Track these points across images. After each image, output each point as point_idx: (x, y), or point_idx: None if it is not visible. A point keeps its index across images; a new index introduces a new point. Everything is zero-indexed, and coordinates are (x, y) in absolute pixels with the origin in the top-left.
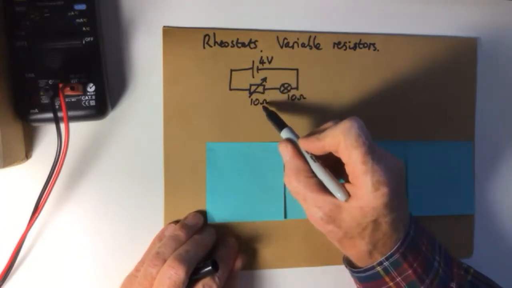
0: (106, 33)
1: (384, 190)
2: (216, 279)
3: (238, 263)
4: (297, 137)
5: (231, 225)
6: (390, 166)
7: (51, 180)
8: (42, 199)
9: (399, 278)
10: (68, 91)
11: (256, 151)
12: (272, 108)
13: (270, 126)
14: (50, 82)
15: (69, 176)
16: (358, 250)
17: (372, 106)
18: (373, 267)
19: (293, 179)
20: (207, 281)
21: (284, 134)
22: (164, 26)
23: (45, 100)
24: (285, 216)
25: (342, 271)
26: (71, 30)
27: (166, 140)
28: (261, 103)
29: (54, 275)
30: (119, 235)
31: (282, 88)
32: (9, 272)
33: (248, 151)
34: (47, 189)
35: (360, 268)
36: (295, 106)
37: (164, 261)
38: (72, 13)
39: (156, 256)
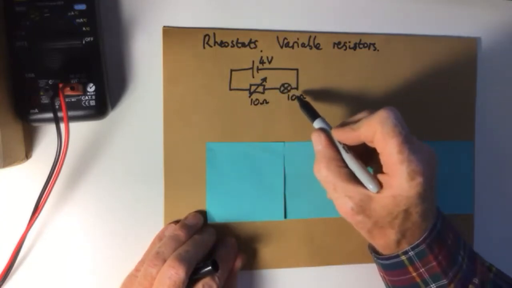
0: (106, 33)
1: (419, 179)
2: (216, 279)
3: (238, 263)
4: (330, 127)
5: (231, 225)
6: (426, 156)
7: (51, 180)
8: (42, 199)
9: (423, 269)
10: (68, 91)
11: (256, 151)
12: (306, 99)
13: (270, 126)
14: (50, 82)
15: (69, 176)
16: (386, 240)
17: (372, 106)
18: (397, 256)
19: (323, 168)
20: (207, 281)
21: (317, 124)
22: (164, 26)
23: (45, 100)
24: (285, 216)
25: (342, 271)
26: (71, 30)
27: (166, 140)
28: (260, 103)
29: (54, 275)
30: (119, 235)
31: (282, 88)
32: (9, 272)
33: (248, 151)
34: (47, 189)
35: (384, 255)
36: (295, 106)
37: (164, 261)
38: (72, 13)
39: (156, 256)
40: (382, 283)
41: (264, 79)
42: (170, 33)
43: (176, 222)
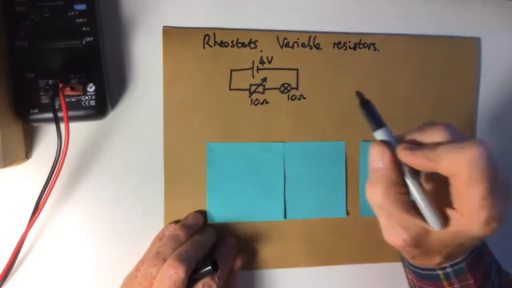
0: (106, 33)
1: (494, 225)
2: (216, 278)
3: (238, 263)
4: (395, 143)
5: (231, 225)
6: (504, 193)
7: (51, 180)
8: (42, 199)
9: (457, 285)
10: (68, 91)
11: (256, 151)
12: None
13: (270, 126)
14: (50, 82)
15: (69, 176)
16: (428, 262)
17: None
18: (434, 269)
19: (380, 192)
20: (207, 280)
21: (381, 135)
22: (164, 26)
23: (45, 100)
24: (285, 216)
25: (342, 271)
26: (71, 30)
27: (166, 140)
28: (260, 103)
29: (54, 275)
30: (119, 235)
31: (282, 88)
32: (9, 272)
33: (248, 151)
34: (47, 189)
35: (419, 266)
36: (295, 106)
37: (164, 260)
38: (72, 13)
39: (156, 255)
40: (382, 283)
41: (264, 79)
42: (170, 33)
43: (176, 222)
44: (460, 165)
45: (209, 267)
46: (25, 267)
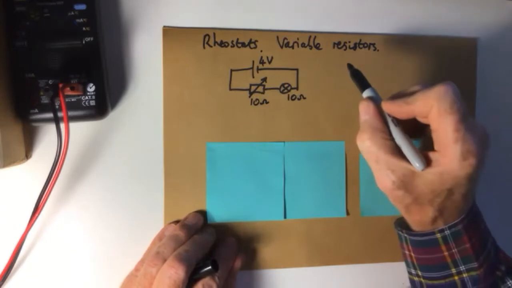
0: (106, 33)
1: (471, 160)
2: (216, 278)
3: (238, 263)
4: (380, 99)
5: (231, 225)
6: (480, 136)
7: (51, 180)
8: (42, 199)
9: (455, 249)
10: (68, 91)
11: (256, 151)
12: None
13: (270, 126)
14: (50, 82)
15: (69, 176)
16: (422, 216)
17: None
18: (432, 233)
19: (367, 138)
20: (206, 280)
21: (367, 93)
22: (164, 26)
23: (45, 100)
24: (285, 216)
25: (342, 271)
26: (71, 30)
27: (166, 140)
28: (260, 103)
29: (54, 275)
30: (119, 235)
31: (282, 88)
32: (9, 272)
33: (248, 151)
34: (47, 189)
35: (418, 231)
36: (295, 106)
37: (164, 260)
38: (72, 13)
39: (156, 255)
40: (382, 283)
41: (264, 79)
42: (170, 33)
43: (176, 222)
44: (431, 101)
45: (209, 267)
46: (25, 267)
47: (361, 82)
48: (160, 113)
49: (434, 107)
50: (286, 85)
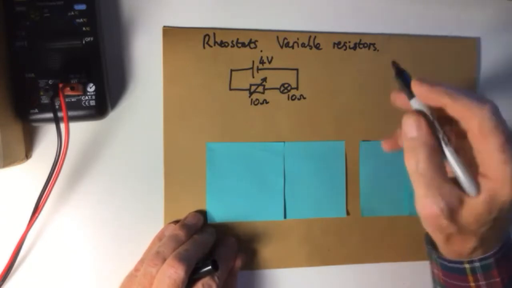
0: (106, 33)
1: None
2: (216, 278)
3: (238, 263)
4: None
5: (231, 225)
6: None
7: (51, 180)
8: (42, 199)
9: (483, 282)
10: (68, 91)
11: (256, 151)
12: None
13: (270, 126)
14: (50, 82)
15: (69, 176)
16: (463, 247)
17: (372, 106)
18: (461, 262)
19: (422, 159)
20: (206, 280)
21: (417, 104)
22: (164, 26)
23: (45, 100)
24: (285, 216)
25: (342, 271)
26: (71, 30)
27: (166, 140)
28: (260, 103)
29: (54, 275)
30: (119, 235)
31: (282, 88)
32: (9, 272)
33: (248, 151)
34: (47, 189)
35: (444, 257)
36: (295, 106)
37: (164, 260)
38: (72, 13)
39: (156, 255)
40: (382, 283)
41: (264, 79)
42: (170, 33)
43: (176, 222)
44: (475, 113)
45: (209, 267)
46: (25, 267)
47: (409, 87)
48: (160, 113)
49: (475, 126)
50: (286, 85)
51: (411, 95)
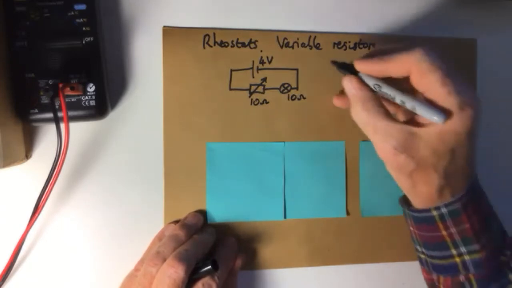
0: (106, 33)
1: (469, 111)
2: (216, 278)
3: (238, 263)
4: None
5: (231, 225)
6: (473, 92)
7: (51, 180)
8: (42, 199)
9: (454, 229)
10: (68, 91)
11: (256, 151)
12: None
13: (270, 126)
14: (50, 82)
15: (69, 176)
16: (430, 186)
17: None
18: (428, 210)
19: (360, 109)
20: (206, 280)
21: (364, 78)
22: (164, 26)
23: (45, 100)
24: (285, 216)
25: (342, 271)
26: (71, 30)
27: (166, 140)
28: (260, 103)
29: (54, 275)
30: (119, 235)
31: (282, 88)
32: (9, 272)
33: (248, 151)
34: (47, 189)
35: (414, 208)
36: (295, 106)
37: (164, 260)
38: (72, 13)
39: (156, 255)
40: (382, 283)
41: (264, 79)
42: (170, 33)
43: (176, 222)
44: (408, 65)
45: (209, 267)
46: (25, 267)
47: (345, 66)
48: (160, 113)
49: (413, 71)
50: (286, 85)
51: (356, 73)
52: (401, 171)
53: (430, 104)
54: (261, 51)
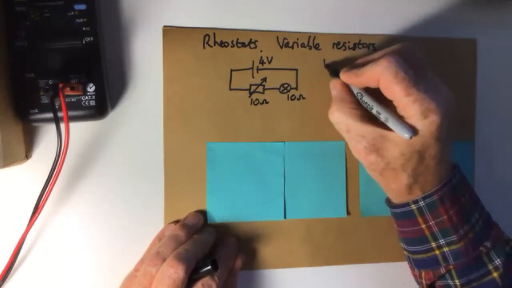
0: (106, 33)
1: (433, 118)
2: (216, 278)
3: (238, 263)
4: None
5: (231, 225)
6: (442, 95)
7: (51, 180)
8: (42, 199)
9: (432, 222)
10: (68, 91)
11: (256, 151)
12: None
13: (270, 126)
14: (50, 82)
15: (69, 176)
16: (399, 183)
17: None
18: (407, 204)
19: (335, 110)
20: (206, 280)
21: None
22: (164, 26)
23: (45, 100)
24: (285, 216)
25: (342, 271)
26: (71, 30)
27: (166, 140)
28: (260, 103)
29: (54, 275)
30: (119, 235)
31: (282, 88)
32: (9, 272)
33: (248, 151)
34: (47, 189)
35: (395, 203)
36: (294, 106)
37: (164, 260)
38: (72, 13)
39: (156, 255)
40: (382, 283)
41: (264, 79)
42: (170, 33)
43: (176, 222)
44: (377, 75)
45: (209, 267)
46: (25, 267)
47: (336, 72)
48: (160, 113)
49: (380, 82)
50: (285, 85)
51: (334, 75)
52: (372, 170)
53: (401, 119)
54: (261, 51)
